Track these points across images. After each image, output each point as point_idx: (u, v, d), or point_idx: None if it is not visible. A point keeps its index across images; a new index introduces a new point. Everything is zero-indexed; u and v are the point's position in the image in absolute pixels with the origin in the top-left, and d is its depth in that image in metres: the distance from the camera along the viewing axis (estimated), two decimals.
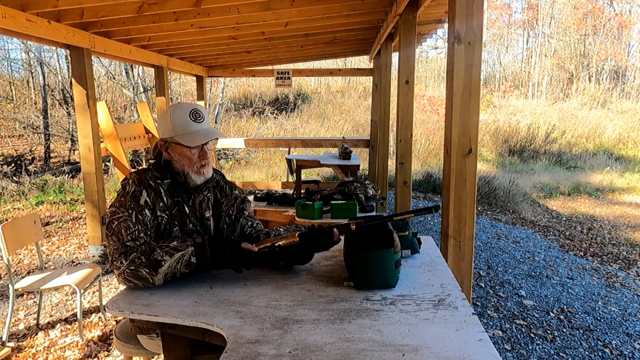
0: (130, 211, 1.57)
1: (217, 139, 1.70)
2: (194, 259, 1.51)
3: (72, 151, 10.69)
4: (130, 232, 1.54)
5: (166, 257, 1.49)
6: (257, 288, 1.51)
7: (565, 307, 3.68)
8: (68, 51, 4.42)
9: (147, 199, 1.60)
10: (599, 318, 3.52)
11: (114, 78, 13.20)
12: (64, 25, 3.91)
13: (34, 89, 13.50)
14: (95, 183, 4.50)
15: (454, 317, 1.27)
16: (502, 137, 14.55)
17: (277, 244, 1.57)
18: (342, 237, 1.60)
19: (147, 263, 1.48)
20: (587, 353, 2.98)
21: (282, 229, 1.85)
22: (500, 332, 3.18)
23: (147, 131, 5.92)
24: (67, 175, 8.80)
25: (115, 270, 1.52)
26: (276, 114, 15.34)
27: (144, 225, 1.57)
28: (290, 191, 6.54)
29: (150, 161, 1.74)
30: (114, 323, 3.16)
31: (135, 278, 1.49)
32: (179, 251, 1.50)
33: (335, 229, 1.58)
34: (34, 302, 3.59)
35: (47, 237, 5.34)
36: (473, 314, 1.29)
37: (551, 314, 3.54)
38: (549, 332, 3.23)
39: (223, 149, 11.57)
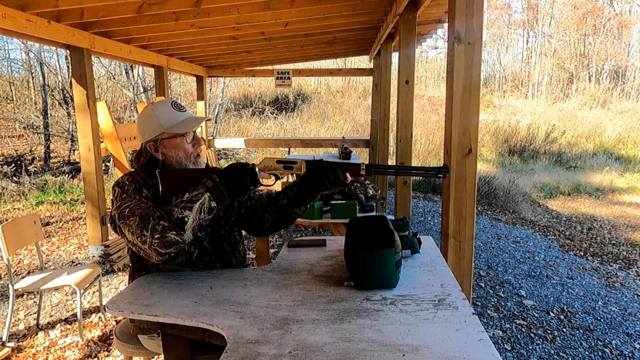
0: (137, 197, 1.56)
1: (206, 120, 1.76)
2: (214, 203, 1.47)
3: (72, 151, 10.68)
4: (144, 208, 1.49)
5: (186, 212, 1.43)
6: (257, 288, 1.51)
7: (565, 307, 3.68)
8: (68, 51, 4.42)
9: (149, 194, 1.60)
10: (599, 318, 3.52)
11: (114, 78, 13.20)
12: (64, 25, 3.91)
13: (34, 89, 13.49)
14: (95, 183, 4.50)
15: (454, 317, 1.27)
16: (502, 137, 14.55)
17: (282, 176, 1.63)
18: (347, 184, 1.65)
19: (171, 226, 1.41)
20: (587, 353, 2.98)
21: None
22: (501, 332, 3.18)
23: None
24: (67, 175, 8.80)
25: (143, 245, 1.43)
26: (276, 114, 15.34)
27: (154, 204, 1.55)
28: None
29: (135, 168, 1.71)
30: (114, 323, 3.16)
31: (166, 246, 1.42)
32: (196, 201, 1.45)
33: (348, 174, 1.60)
34: (34, 302, 3.59)
35: (47, 237, 5.34)
36: (473, 314, 1.29)
37: (551, 313, 3.54)
38: (549, 332, 3.23)
39: (223, 149, 11.56)
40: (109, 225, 4.64)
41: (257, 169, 1.57)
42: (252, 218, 1.78)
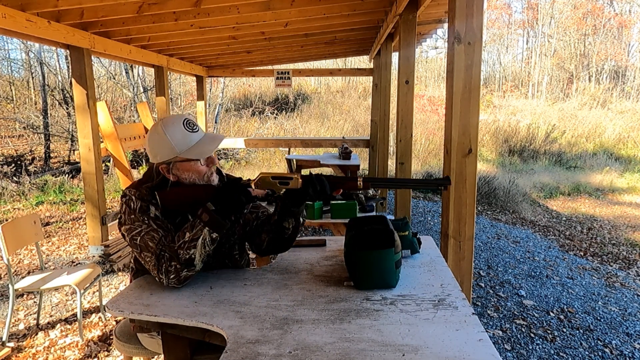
0: (147, 221, 1.53)
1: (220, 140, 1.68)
2: (215, 234, 1.50)
3: (72, 151, 10.68)
4: (157, 242, 1.51)
5: (192, 251, 1.47)
6: (257, 288, 1.51)
7: (565, 307, 3.68)
8: (68, 51, 4.42)
9: (157, 213, 1.57)
10: (599, 318, 3.52)
11: (114, 78, 13.20)
12: (64, 25, 3.91)
13: (34, 89, 13.49)
14: (95, 183, 4.50)
15: (454, 317, 1.27)
16: (502, 137, 14.55)
17: (278, 192, 1.57)
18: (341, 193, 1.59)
19: (181, 267, 1.48)
20: (587, 353, 2.98)
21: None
22: (500, 332, 3.18)
23: (147, 131, 5.91)
24: (67, 175, 8.80)
25: (159, 281, 1.52)
26: (276, 114, 15.34)
27: (165, 230, 1.55)
28: None
29: (145, 184, 1.65)
30: (114, 323, 3.16)
31: (181, 282, 1.51)
32: (197, 238, 1.48)
33: (340, 189, 1.56)
34: (34, 302, 3.59)
35: (47, 237, 5.34)
36: (473, 314, 1.29)
37: (551, 313, 3.54)
38: (549, 332, 3.23)
39: (223, 149, 11.56)
40: (109, 225, 4.64)
41: (252, 185, 1.55)
42: (254, 238, 1.76)
